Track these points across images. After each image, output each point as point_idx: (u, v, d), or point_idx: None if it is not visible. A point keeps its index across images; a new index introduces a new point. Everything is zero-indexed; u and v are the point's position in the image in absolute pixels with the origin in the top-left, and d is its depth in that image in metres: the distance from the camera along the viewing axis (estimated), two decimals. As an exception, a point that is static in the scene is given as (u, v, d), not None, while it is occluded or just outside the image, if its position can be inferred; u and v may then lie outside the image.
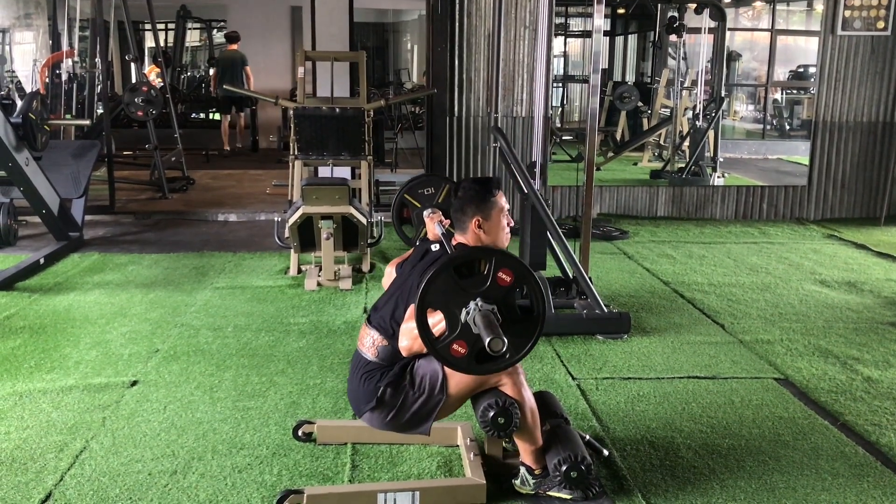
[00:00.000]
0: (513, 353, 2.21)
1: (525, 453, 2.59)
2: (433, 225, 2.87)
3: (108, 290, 4.79)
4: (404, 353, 2.40)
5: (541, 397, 2.73)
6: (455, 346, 2.18)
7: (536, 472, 2.58)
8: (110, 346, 3.89)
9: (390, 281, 2.72)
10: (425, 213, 2.99)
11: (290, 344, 3.95)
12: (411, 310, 2.29)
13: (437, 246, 2.60)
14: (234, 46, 10.87)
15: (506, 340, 2.07)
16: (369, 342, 2.53)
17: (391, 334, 2.47)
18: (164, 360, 3.70)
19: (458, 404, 2.54)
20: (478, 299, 2.16)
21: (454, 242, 2.57)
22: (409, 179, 5.21)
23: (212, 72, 10.90)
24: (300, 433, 2.92)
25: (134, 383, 3.44)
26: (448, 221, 2.78)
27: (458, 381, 2.43)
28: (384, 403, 2.46)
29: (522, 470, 2.60)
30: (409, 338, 2.33)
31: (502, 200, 2.57)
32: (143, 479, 2.66)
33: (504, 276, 2.18)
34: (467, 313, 2.17)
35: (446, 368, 2.41)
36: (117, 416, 3.12)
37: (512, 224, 2.62)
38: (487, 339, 2.06)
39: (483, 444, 2.74)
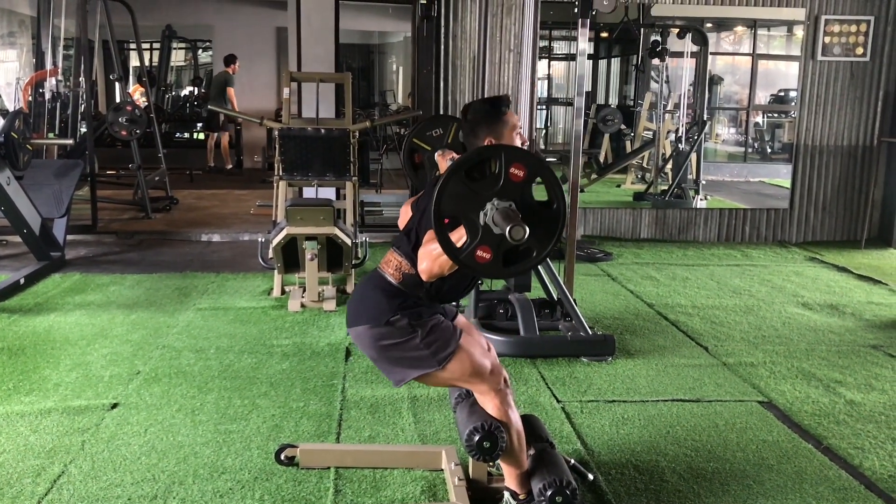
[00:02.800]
0: (538, 249, 2.12)
1: (510, 477, 2.57)
2: (445, 163, 2.78)
3: (89, 311, 4.75)
4: (424, 277, 2.27)
5: (526, 421, 2.71)
6: (479, 253, 2.08)
7: (521, 496, 2.55)
8: (91, 367, 3.84)
9: (405, 218, 2.62)
10: (437, 154, 2.91)
11: (273, 366, 3.92)
12: (430, 234, 2.21)
13: None
14: (229, 69, 11.04)
15: (526, 227, 1.98)
16: (394, 266, 2.42)
17: (415, 263, 2.35)
18: (145, 383, 3.66)
19: (442, 384, 2.49)
20: (493, 199, 2.06)
21: None
22: (416, 123, 4.96)
23: (230, 90, 11.05)
24: (283, 457, 2.89)
25: (114, 406, 3.40)
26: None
27: (459, 363, 2.39)
28: (391, 329, 2.37)
29: (507, 495, 2.58)
30: (429, 259, 2.22)
31: (514, 118, 2.46)
32: (122, 504, 2.62)
33: (517, 171, 2.08)
34: (485, 215, 2.06)
35: (460, 348, 2.38)
36: (97, 440, 3.07)
37: (527, 143, 2.53)
38: (507, 228, 1.98)
39: (468, 469, 2.72)
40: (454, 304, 2.72)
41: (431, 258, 2.19)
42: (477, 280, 2.53)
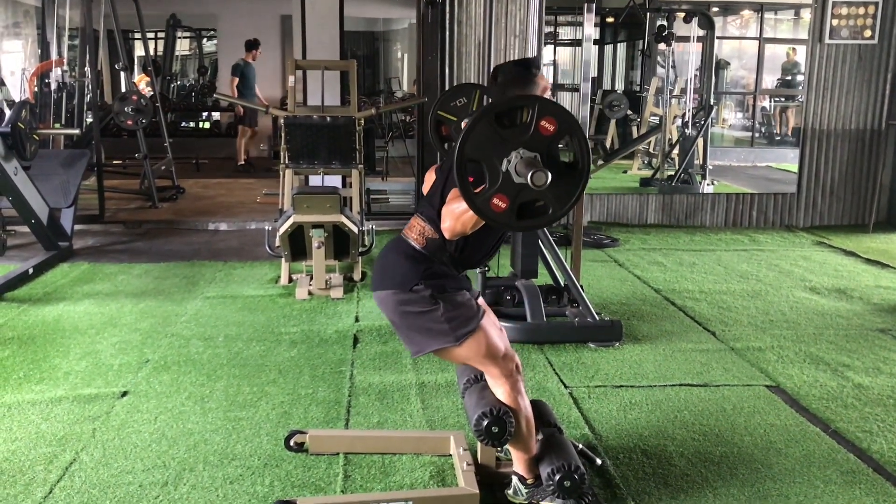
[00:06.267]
0: (555, 207, 2.08)
1: (518, 462, 2.59)
2: None
3: (97, 300, 4.77)
4: (448, 235, 2.28)
5: (535, 406, 2.72)
6: (495, 201, 2.05)
7: (529, 481, 2.57)
8: (100, 356, 3.86)
9: (429, 183, 2.63)
10: (463, 123, 2.91)
11: (282, 353, 3.93)
12: (453, 193, 2.22)
13: None
14: (248, 56, 10.43)
15: (549, 174, 1.96)
16: (418, 231, 2.43)
17: (438, 226, 2.36)
18: (154, 371, 3.68)
19: (456, 360, 2.51)
20: (519, 149, 2.04)
21: None
22: (439, 96, 4.89)
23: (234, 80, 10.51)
24: (292, 443, 2.91)
25: (124, 394, 3.42)
26: None
27: (476, 343, 2.39)
28: (415, 296, 2.37)
29: (515, 479, 2.60)
30: (451, 217, 2.23)
31: (544, 81, 2.44)
32: (133, 490, 2.64)
33: (547, 125, 2.03)
34: (508, 162, 2.03)
35: (479, 328, 2.39)
36: (107, 428, 3.09)
37: None
38: (529, 174, 1.96)
39: (476, 454, 2.74)
40: (483, 267, 2.60)
41: (454, 216, 2.20)
42: (499, 244, 2.53)
